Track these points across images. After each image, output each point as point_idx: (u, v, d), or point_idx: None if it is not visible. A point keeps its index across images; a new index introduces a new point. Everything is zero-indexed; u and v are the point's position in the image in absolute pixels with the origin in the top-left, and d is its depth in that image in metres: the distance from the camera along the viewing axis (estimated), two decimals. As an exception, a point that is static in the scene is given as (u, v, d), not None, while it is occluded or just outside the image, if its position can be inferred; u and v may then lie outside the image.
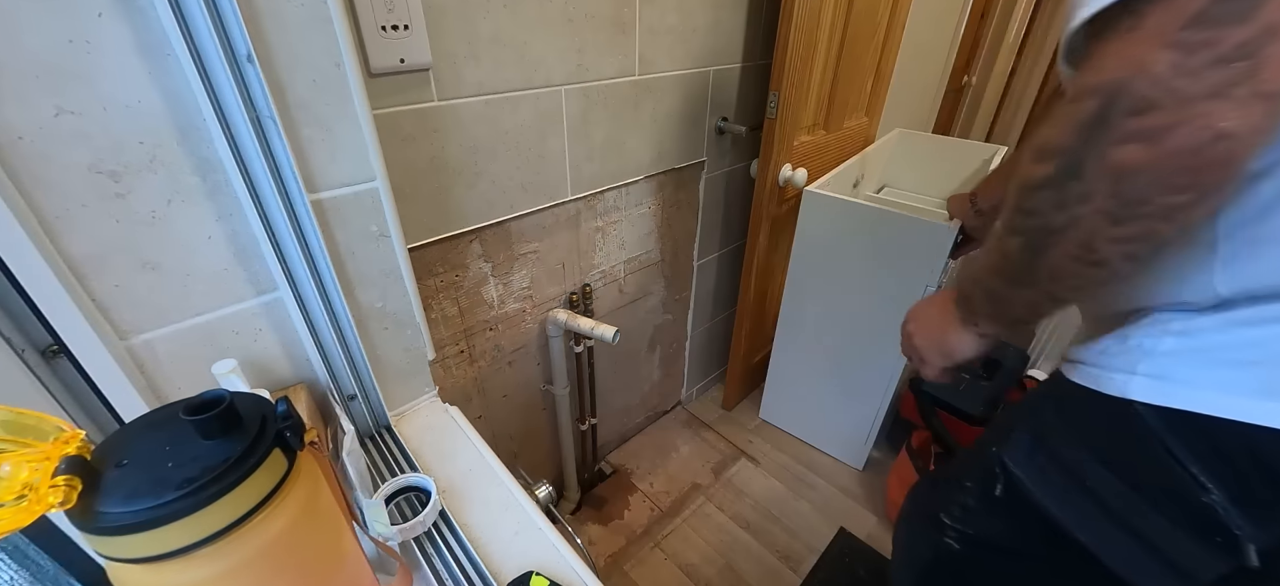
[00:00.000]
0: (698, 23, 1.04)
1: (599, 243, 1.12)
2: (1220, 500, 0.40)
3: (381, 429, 0.68)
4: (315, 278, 0.53)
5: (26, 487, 0.24)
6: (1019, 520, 0.56)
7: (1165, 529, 0.44)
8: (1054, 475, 0.51)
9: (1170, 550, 0.44)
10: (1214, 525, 0.41)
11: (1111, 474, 0.46)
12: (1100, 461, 0.47)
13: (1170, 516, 0.43)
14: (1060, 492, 0.50)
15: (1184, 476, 0.41)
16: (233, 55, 0.42)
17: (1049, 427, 0.52)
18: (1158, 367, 0.42)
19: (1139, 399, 0.43)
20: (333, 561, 0.38)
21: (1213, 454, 0.40)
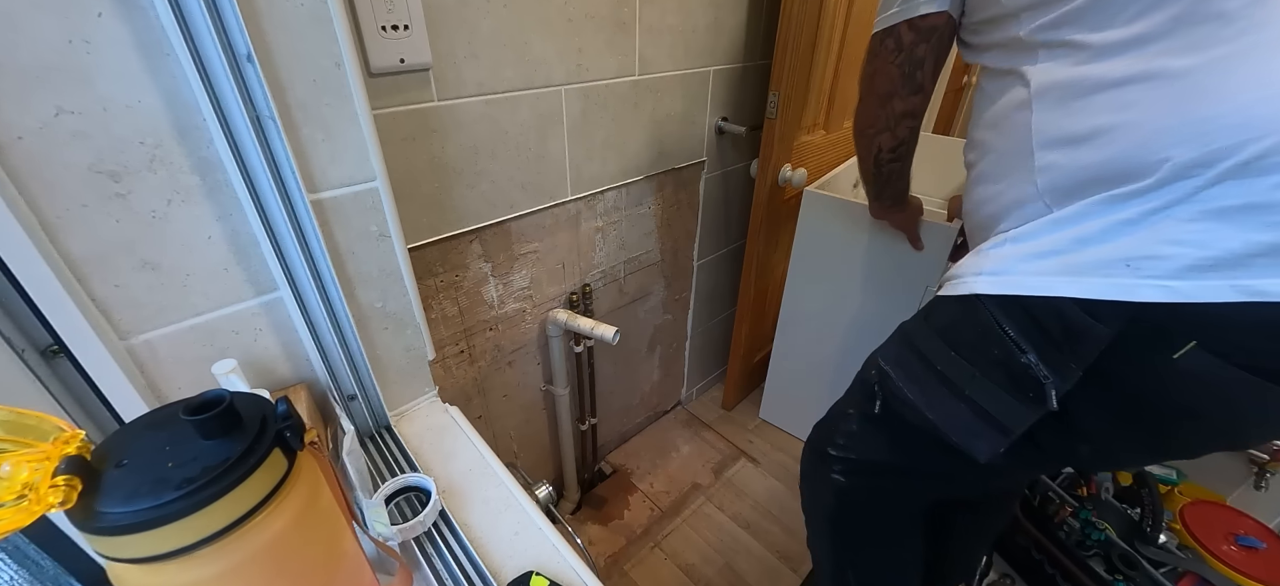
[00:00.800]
0: (698, 23, 1.04)
1: (599, 243, 1.12)
2: (1034, 359, 0.51)
3: (381, 429, 0.68)
4: (315, 277, 0.53)
5: (26, 487, 0.24)
6: (893, 430, 0.69)
7: (992, 390, 0.55)
8: (914, 364, 0.63)
9: (995, 408, 0.55)
10: (1028, 380, 0.52)
11: (956, 353, 0.58)
12: (948, 344, 0.59)
13: (996, 380, 0.55)
14: (919, 380, 0.62)
15: (1009, 343, 0.52)
16: (233, 55, 0.42)
17: (915, 330, 0.65)
18: (996, 266, 0.54)
19: (980, 291, 0.55)
20: (333, 561, 0.38)
21: (1030, 323, 0.51)
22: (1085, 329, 0.48)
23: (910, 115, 0.71)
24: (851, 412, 0.75)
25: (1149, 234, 0.44)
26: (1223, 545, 0.91)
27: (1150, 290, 0.44)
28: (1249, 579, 0.86)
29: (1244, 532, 0.92)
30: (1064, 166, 0.50)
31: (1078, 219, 0.49)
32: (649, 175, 1.14)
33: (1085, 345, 0.49)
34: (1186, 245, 0.43)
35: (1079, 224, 0.49)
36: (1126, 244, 0.45)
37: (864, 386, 0.72)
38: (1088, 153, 0.48)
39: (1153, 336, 0.46)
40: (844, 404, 0.78)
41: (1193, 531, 0.93)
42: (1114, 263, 0.46)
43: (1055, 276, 0.49)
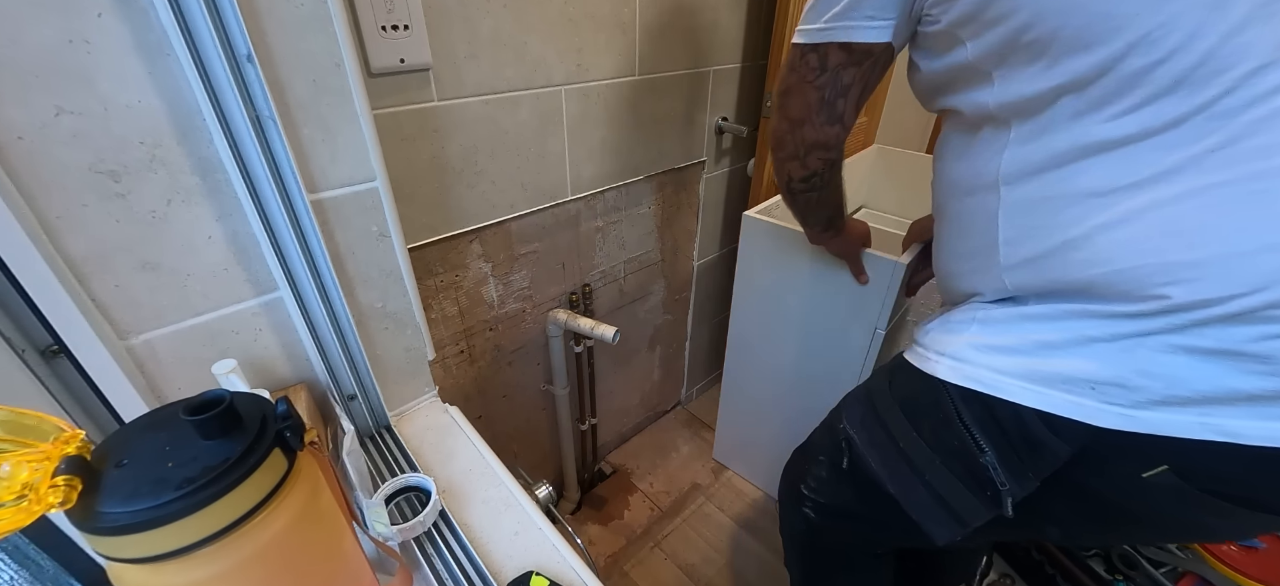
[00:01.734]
0: (698, 22, 1.04)
1: (599, 242, 1.12)
2: (992, 459, 0.50)
3: (381, 429, 0.68)
4: (315, 278, 0.53)
5: (26, 487, 0.24)
6: (860, 486, 0.66)
7: (951, 481, 0.53)
8: (877, 432, 0.60)
9: (953, 499, 0.54)
10: (985, 480, 0.51)
11: (918, 435, 0.56)
12: (910, 421, 0.57)
13: (955, 471, 0.53)
14: (881, 452, 0.60)
15: (968, 438, 0.51)
16: (233, 55, 0.42)
17: (879, 395, 0.62)
18: (959, 352, 0.52)
19: (940, 376, 0.52)
20: (333, 561, 0.38)
21: (990, 421, 0.49)
22: (1044, 442, 0.46)
23: (822, 147, 0.62)
24: (822, 459, 0.73)
25: (1119, 360, 0.42)
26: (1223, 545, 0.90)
27: (1114, 418, 0.42)
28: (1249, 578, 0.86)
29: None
30: (1033, 278, 0.47)
31: (1045, 321, 0.46)
32: (649, 175, 1.14)
33: (1043, 457, 0.47)
34: (1157, 378, 0.41)
35: (1045, 327, 0.46)
36: (1094, 366, 0.43)
37: (833, 436, 0.70)
38: (1065, 268, 0.44)
39: (1116, 453, 0.45)
40: (817, 445, 0.76)
41: (1193, 531, 0.93)
42: (1078, 381, 0.43)
43: (1018, 381, 0.46)
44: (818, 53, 0.57)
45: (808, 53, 0.58)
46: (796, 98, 0.60)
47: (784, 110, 0.62)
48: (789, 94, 0.61)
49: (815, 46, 0.57)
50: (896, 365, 0.61)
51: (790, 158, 0.65)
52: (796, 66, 0.59)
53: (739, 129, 1.22)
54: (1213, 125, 0.37)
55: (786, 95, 0.62)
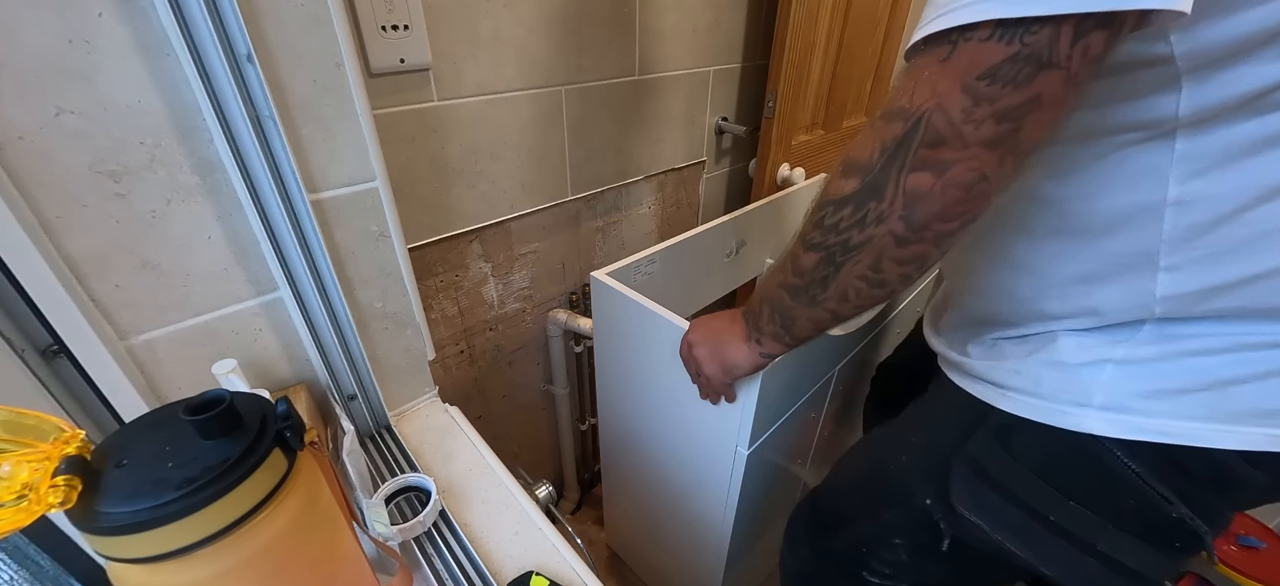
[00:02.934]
0: (697, 22, 1.04)
1: (599, 243, 1.12)
2: (1186, 512, 0.43)
3: (381, 429, 0.68)
4: (315, 277, 0.53)
5: (26, 487, 0.24)
6: (965, 561, 0.56)
7: (1131, 544, 0.46)
8: (1010, 511, 0.50)
9: (1138, 563, 0.46)
10: (1180, 533, 0.44)
11: (1077, 503, 0.47)
12: (1064, 493, 0.48)
13: (1135, 531, 0.46)
14: (1021, 530, 0.50)
15: (1151, 495, 0.44)
16: (233, 55, 0.42)
17: (993, 464, 0.51)
18: (1110, 399, 0.44)
19: (1099, 432, 0.44)
20: (333, 561, 0.38)
21: (1177, 473, 0.43)
22: (1244, 478, 0.42)
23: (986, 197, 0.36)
24: (898, 543, 0.60)
25: None
26: (1223, 545, 0.91)
27: None
28: (1249, 579, 0.86)
29: (1244, 532, 0.92)
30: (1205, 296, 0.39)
31: (1215, 355, 0.40)
32: (649, 175, 1.14)
33: (1244, 493, 0.44)
34: None
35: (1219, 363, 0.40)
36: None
37: (915, 517, 0.57)
38: (1267, 293, 0.38)
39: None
40: (874, 527, 0.62)
41: (1193, 531, 0.93)
42: (1275, 413, 0.39)
43: (1204, 423, 0.41)
44: (1092, 30, 0.30)
45: (1066, 32, 0.30)
46: (1038, 117, 0.32)
47: (996, 142, 0.33)
48: (1014, 114, 0.32)
49: (1092, 18, 0.29)
50: (1004, 423, 0.49)
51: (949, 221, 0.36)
52: (1042, 58, 0.30)
53: (739, 129, 1.22)
54: None
55: (1008, 117, 0.32)
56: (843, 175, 0.41)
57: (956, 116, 0.33)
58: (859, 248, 0.40)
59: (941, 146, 0.34)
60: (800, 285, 0.46)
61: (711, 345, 0.61)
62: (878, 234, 0.39)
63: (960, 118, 0.33)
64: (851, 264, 0.41)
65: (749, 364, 0.57)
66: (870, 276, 0.41)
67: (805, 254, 0.45)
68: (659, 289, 0.95)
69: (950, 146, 0.34)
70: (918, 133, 0.35)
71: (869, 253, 0.40)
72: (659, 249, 0.93)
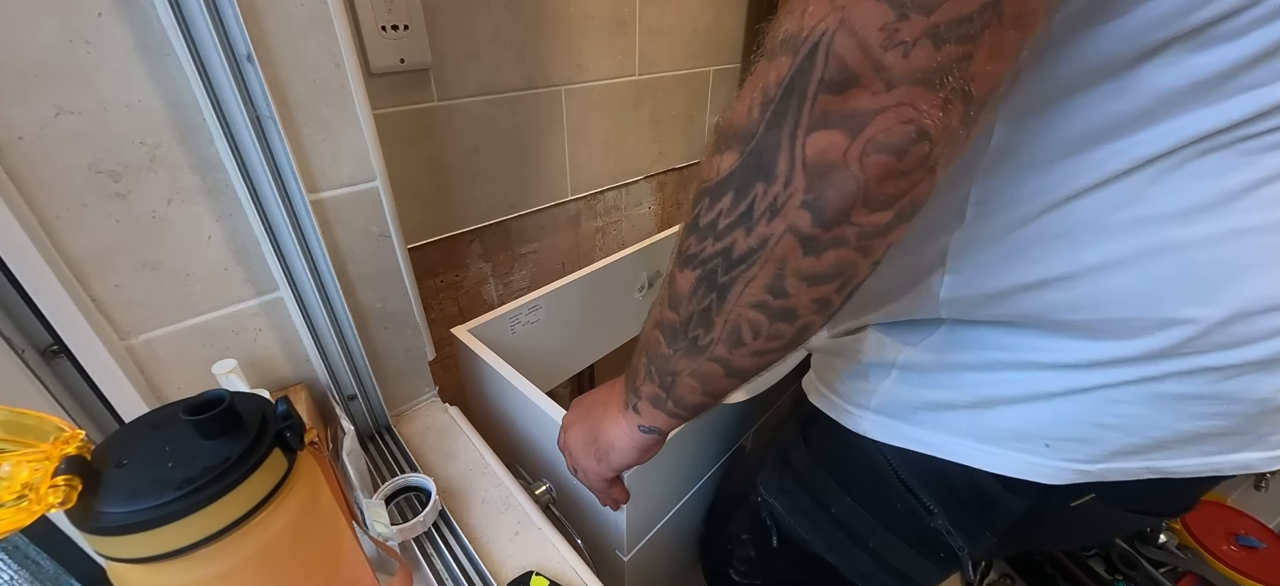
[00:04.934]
0: (698, 23, 1.04)
1: (599, 243, 1.12)
2: (944, 523, 0.44)
3: (381, 429, 0.68)
4: (315, 277, 0.53)
5: (26, 487, 0.24)
6: (797, 558, 0.57)
7: (899, 546, 0.47)
8: (802, 498, 0.52)
9: (903, 566, 0.48)
10: (939, 544, 0.45)
11: (853, 500, 0.49)
12: (839, 483, 0.49)
13: (902, 536, 0.47)
14: (811, 520, 0.52)
15: (914, 503, 0.45)
16: (233, 55, 0.42)
17: (794, 451, 0.53)
18: (887, 405, 0.43)
19: (871, 436, 0.44)
20: (333, 561, 0.38)
21: (939, 483, 0.43)
22: (999, 500, 0.42)
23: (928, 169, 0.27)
24: (745, 539, 0.61)
25: (1077, 414, 0.36)
26: (1223, 545, 0.91)
27: (1069, 474, 0.38)
28: (1249, 579, 0.87)
29: (1244, 532, 0.93)
30: (984, 303, 0.36)
31: (984, 371, 0.38)
32: (649, 175, 1.14)
33: (1000, 515, 0.43)
34: (1117, 430, 0.35)
35: (987, 380, 0.38)
36: (1047, 421, 0.37)
37: (752, 512, 0.59)
38: (1035, 306, 0.34)
39: (1056, 493, 0.40)
40: (734, 523, 0.63)
41: (1193, 531, 0.93)
42: (1030, 437, 0.38)
43: (966, 440, 0.40)
44: None
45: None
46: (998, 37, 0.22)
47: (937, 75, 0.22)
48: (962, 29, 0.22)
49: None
50: (807, 414, 0.51)
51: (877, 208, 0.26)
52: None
53: (739, 129, 1.22)
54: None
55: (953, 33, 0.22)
56: (717, 147, 0.28)
57: (872, 38, 0.22)
58: (748, 258, 0.27)
59: (853, 88, 0.22)
60: (677, 322, 0.34)
61: (586, 426, 0.46)
62: (773, 232, 0.26)
63: (878, 39, 0.21)
64: (740, 284, 0.29)
65: (629, 444, 0.42)
66: (770, 304, 0.28)
67: (680, 273, 0.32)
68: (548, 341, 0.82)
69: (866, 86, 0.22)
70: (813, 68, 0.23)
71: (765, 264, 0.27)
72: (544, 293, 0.80)
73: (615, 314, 1.00)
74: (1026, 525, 0.44)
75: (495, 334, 0.75)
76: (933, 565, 0.48)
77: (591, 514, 0.63)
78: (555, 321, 0.86)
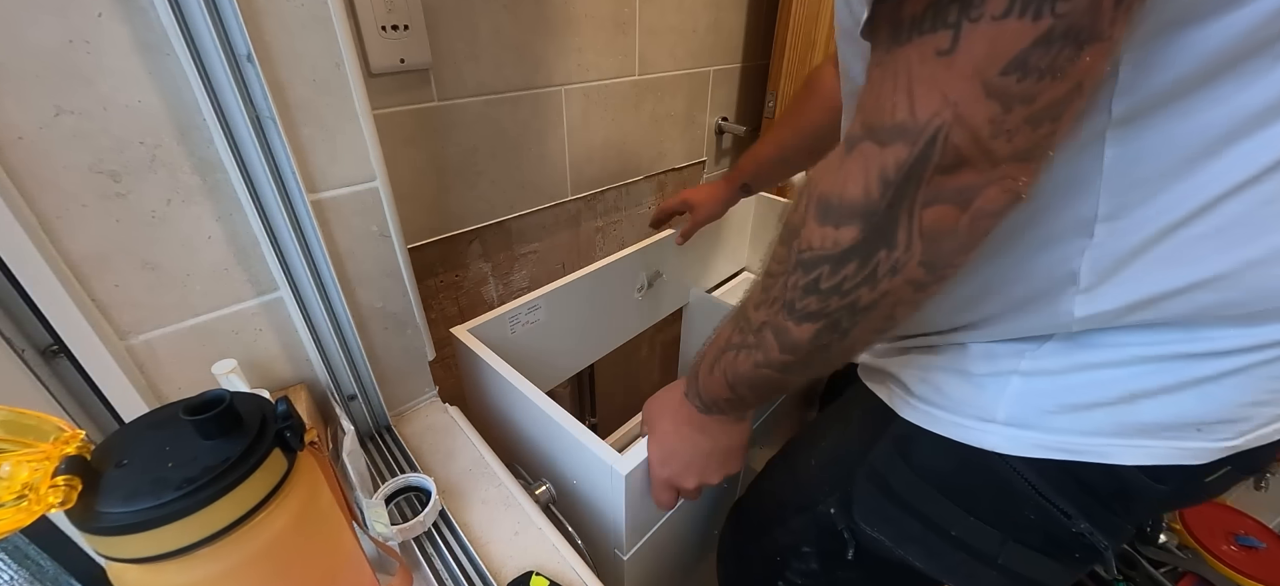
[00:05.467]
0: (698, 22, 1.04)
1: (599, 243, 1.12)
2: (1086, 527, 0.42)
3: (381, 429, 0.68)
4: (315, 277, 0.53)
5: (26, 487, 0.24)
6: (873, 569, 0.55)
7: (1031, 556, 0.45)
8: (908, 522, 0.49)
9: (1036, 574, 0.46)
10: (1078, 545, 0.43)
11: (978, 519, 0.46)
12: (959, 504, 0.46)
13: (1035, 545, 0.45)
14: (921, 541, 0.49)
15: (1052, 511, 0.43)
16: (233, 55, 0.42)
17: (892, 474, 0.49)
18: (1014, 414, 0.41)
19: (1001, 450, 0.42)
20: (333, 561, 0.38)
21: (1078, 489, 0.42)
22: (1144, 492, 0.40)
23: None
24: (807, 551, 0.58)
25: (1229, 396, 0.35)
26: (1223, 545, 0.91)
27: (1221, 452, 0.37)
28: (1249, 579, 0.87)
29: (1244, 532, 0.92)
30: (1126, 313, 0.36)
31: (1126, 367, 0.37)
32: (649, 175, 1.14)
33: (1145, 506, 0.42)
34: (1268, 405, 0.35)
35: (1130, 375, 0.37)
36: (1199, 407, 0.36)
37: (820, 524, 0.56)
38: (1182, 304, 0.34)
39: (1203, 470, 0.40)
40: (785, 533, 0.60)
41: (1193, 531, 0.93)
42: (1182, 426, 0.37)
43: (1110, 439, 0.39)
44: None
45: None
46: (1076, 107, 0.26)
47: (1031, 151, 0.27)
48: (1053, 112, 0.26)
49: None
50: (902, 433, 0.48)
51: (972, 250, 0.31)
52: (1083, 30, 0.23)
53: (739, 129, 1.22)
54: None
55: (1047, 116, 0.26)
56: (828, 220, 0.32)
57: (983, 130, 0.26)
58: (872, 305, 0.33)
59: (963, 169, 0.27)
60: (793, 361, 0.39)
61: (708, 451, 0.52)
62: (894, 286, 0.32)
63: (988, 131, 0.26)
64: (862, 326, 0.34)
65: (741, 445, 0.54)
66: (882, 327, 0.35)
67: (798, 327, 0.36)
68: (548, 341, 0.85)
69: (975, 167, 0.27)
70: (931, 155, 0.27)
71: (883, 307, 0.33)
72: (544, 293, 0.81)
73: (615, 314, 1.01)
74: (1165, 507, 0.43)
75: (495, 334, 0.76)
76: (1066, 568, 0.46)
77: (590, 513, 0.63)
78: (555, 321, 0.86)
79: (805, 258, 0.34)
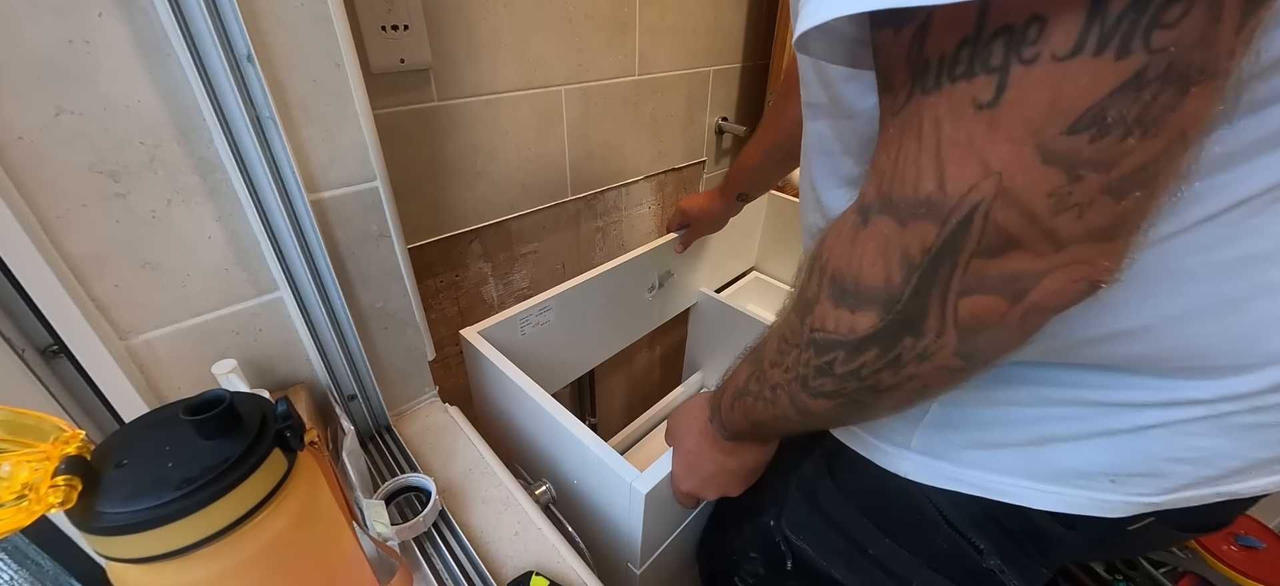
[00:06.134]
0: (698, 22, 1.04)
1: (599, 243, 1.12)
2: (997, 563, 0.42)
3: (381, 429, 0.68)
4: (315, 278, 0.53)
5: (26, 487, 0.24)
6: (811, 581, 0.55)
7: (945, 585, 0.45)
8: (833, 537, 0.50)
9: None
10: (991, 582, 0.43)
11: (893, 541, 0.46)
12: (877, 525, 0.47)
13: (949, 575, 0.44)
14: (844, 557, 0.49)
15: (962, 543, 0.42)
16: (233, 55, 0.42)
17: (821, 491, 0.50)
18: (927, 443, 0.41)
19: (913, 478, 0.42)
20: (333, 561, 0.38)
21: (991, 524, 0.41)
22: (1058, 538, 0.39)
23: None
24: (755, 557, 0.59)
25: (1146, 450, 0.33)
26: (1223, 545, 0.91)
27: (1137, 507, 0.36)
28: (1249, 579, 0.86)
29: (1244, 532, 0.92)
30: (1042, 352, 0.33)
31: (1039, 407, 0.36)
32: (649, 175, 1.14)
33: (1058, 551, 0.41)
34: (1189, 463, 0.33)
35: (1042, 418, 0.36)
36: (1113, 458, 0.34)
37: (763, 534, 0.57)
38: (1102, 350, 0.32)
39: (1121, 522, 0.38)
40: (740, 537, 0.62)
41: (1193, 531, 0.93)
42: (1094, 475, 0.35)
43: (1019, 480, 0.38)
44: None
45: (1231, 6, 0.16)
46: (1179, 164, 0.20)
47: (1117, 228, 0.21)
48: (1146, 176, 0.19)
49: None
50: (831, 449, 0.49)
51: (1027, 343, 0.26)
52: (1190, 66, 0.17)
53: (739, 129, 1.22)
54: None
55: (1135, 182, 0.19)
56: (843, 303, 0.28)
57: (1039, 206, 0.19)
58: (895, 387, 0.30)
59: (1012, 252, 0.21)
60: (812, 423, 0.38)
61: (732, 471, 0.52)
62: (922, 372, 0.27)
63: (1047, 207, 0.19)
64: (888, 400, 0.31)
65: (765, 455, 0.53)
66: (915, 400, 0.32)
67: (813, 401, 0.34)
68: (557, 343, 0.84)
69: (1029, 250, 0.21)
70: (967, 238, 0.21)
71: (911, 388, 0.30)
72: (555, 293, 0.80)
73: (626, 315, 1.00)
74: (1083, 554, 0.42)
75: (505, 335, 0.76)
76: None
77: (601, 523, 0.63)
78: (565, 322, 0.85)
79: (819, 338, 0.30)
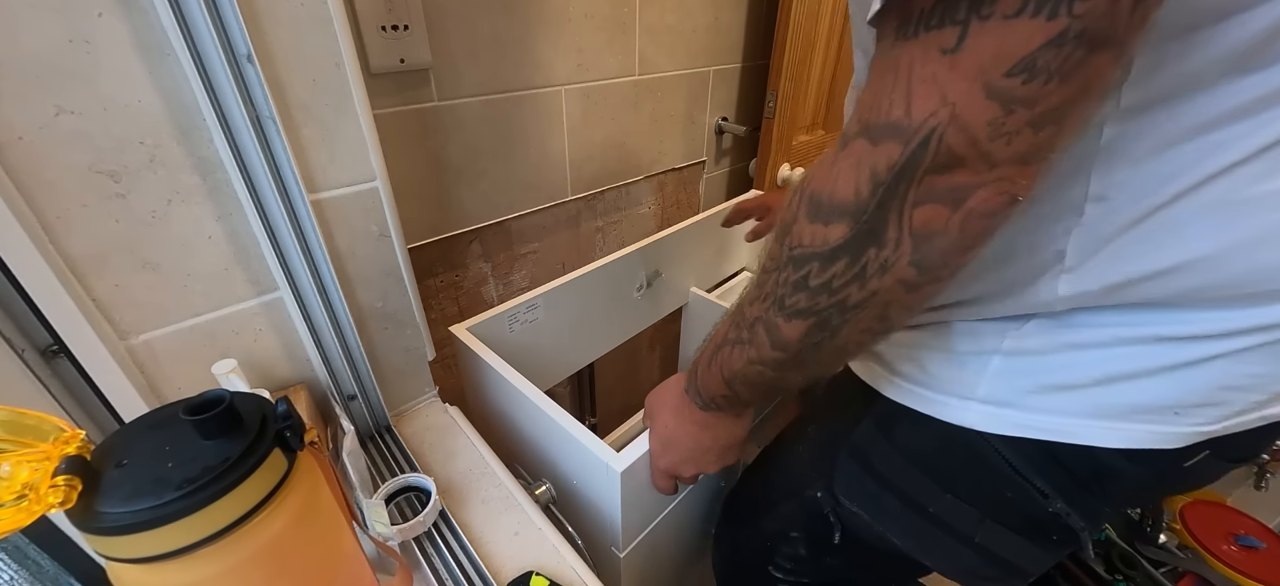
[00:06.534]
0: (698, 22, 1.04)
1: (599, 243, 1.12)
2: (1062, 507, 0.43)
3: (381, 429, 0.68)
4: (315, 277, 0.53)
5: (26, 487, 0.24)
6: (860, 555, 0.55)
7: (1008, 537, 0.45)
8: (888, 499, 0.50)
9: (1012, 556, 0.46)
10: (1055, 526, 0.44)
11: (955, 497, 0.46)
12: (936, 481, 0.47)
13: (1012, 525, 0.45)
14: (899, 519, 0.50)
15: (1028, 489, 0.43)
16: (233, 55, 0.42)
17: (873, 452, 0.50)
18: (993, 392, 0.42)
19: (979, 428, 0.42)
20: (333, 561, 0.38)
21: (1055, 467, 0.42)
22: (1121, 472, 0.40)
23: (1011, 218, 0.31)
24: (796, 536, 0.59)
25: (1207, 380, 0.35)
26: (1223, 545, 0.91)
27: (1198, 436, 0.37)
28: (1249, 579, 0.87)
29: (1244, 532, 0.93)
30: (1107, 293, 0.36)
31: (1104, 349, 0.37)
32: (649, 175, 1.14)
33: (1122, 489, 0.42)
34: (1244, 389, 0.35)
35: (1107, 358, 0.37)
36: (1176, 391, 0.36)
37: (806, 507, 0.57)
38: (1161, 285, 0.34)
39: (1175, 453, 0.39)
40: (775, 519, 0.61)
41: (1193, 531, 0.93)
42: (1160, 410, 0.37)
43: (1086, 420, 0.39)
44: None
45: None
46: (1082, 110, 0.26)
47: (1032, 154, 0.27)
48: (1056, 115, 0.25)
49: None
50: (885, 411, 0.49)
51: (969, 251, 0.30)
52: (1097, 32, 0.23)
53: (739, 129, 1.22)
54: None
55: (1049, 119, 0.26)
56: (818, 218, 0.32)
57: (980, 132, 0.25)
58: (861, 304, 0.33)
59: (957, 169, 0.27)
60: (784, 358, 0.39)
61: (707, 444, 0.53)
62: (884, 285, 0.31)
63: (986, 133, 0.25)
64: (852, 324, 0.34)
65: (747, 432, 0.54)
66: (875, 327, 0.35)
67: (787, 323, 0.37)
68: (547, 340, 0.85)
69: (969, 168, 0.27)
70: (924, 155, 0.27)
71: (874, 306, 0.33)
72: (543, 291, 0.81)
73: (614, 312, 1.01)
74: (1143, 491, 0.43)
75: (494, 332, 0.76)
76: (1043, 550, 0.46)
77: (588, 510, 0.64)
78: (554, 320, 0.87)
79: (796, 254, 0.34)
